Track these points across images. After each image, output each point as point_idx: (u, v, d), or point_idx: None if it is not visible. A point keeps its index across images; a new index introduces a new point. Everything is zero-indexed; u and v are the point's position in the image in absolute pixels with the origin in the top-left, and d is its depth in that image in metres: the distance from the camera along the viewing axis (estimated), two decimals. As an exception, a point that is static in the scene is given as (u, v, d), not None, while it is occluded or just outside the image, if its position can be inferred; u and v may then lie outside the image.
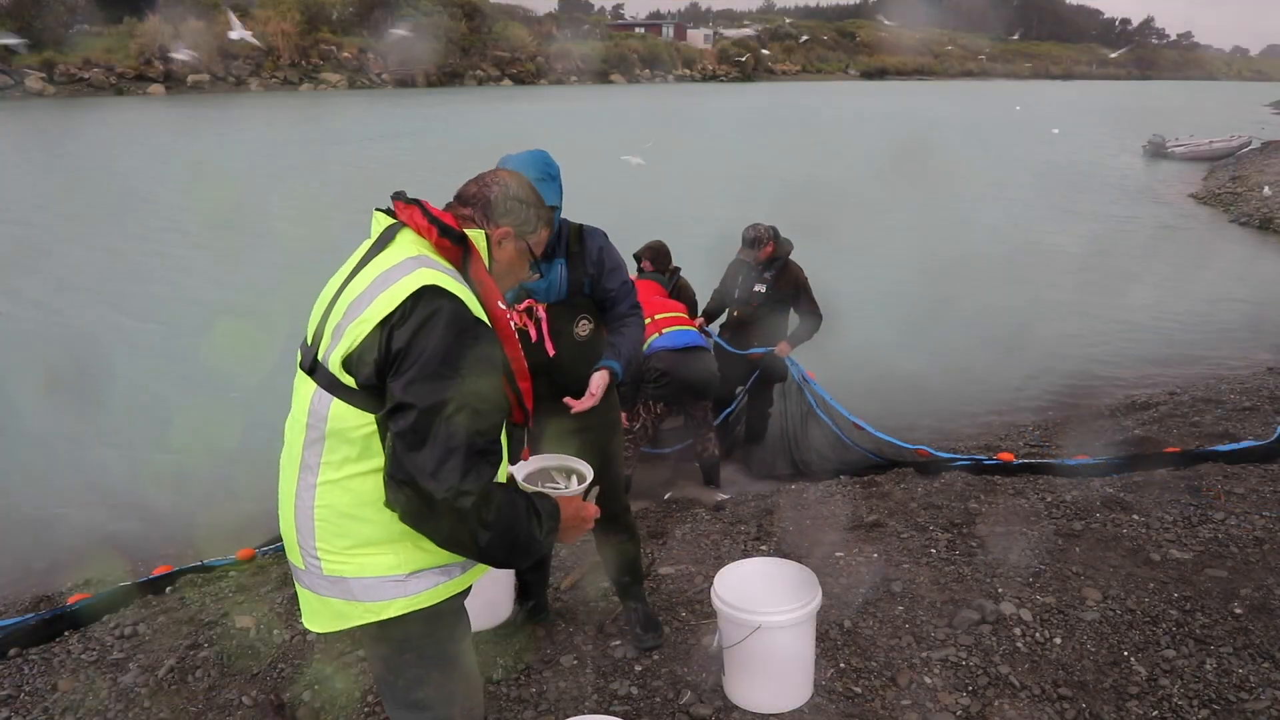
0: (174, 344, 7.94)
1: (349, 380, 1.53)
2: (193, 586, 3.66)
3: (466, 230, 1.68)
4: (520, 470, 2.17)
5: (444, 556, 1.62)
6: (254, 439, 4.85)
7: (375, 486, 1.55)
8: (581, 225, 2.66)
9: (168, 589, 3.69)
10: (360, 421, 1.54)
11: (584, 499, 1.90)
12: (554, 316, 2.58)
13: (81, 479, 5.40)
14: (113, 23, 45.13)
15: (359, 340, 1.51)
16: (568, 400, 2.51)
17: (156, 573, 3.79)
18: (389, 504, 1.54)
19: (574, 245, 2.60)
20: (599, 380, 2.54)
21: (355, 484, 1.56)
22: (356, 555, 1.58)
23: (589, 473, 2.12)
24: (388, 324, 1.49)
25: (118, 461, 5.61)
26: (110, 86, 42.79)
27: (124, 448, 5.80)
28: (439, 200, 1.80)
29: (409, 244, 1.63)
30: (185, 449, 5.47)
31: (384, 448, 1.54)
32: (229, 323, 7.96)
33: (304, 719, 2.68)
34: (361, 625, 1.63)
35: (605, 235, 2.69)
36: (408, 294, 1.50)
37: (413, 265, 1.56)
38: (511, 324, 1.69)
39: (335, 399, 1.55)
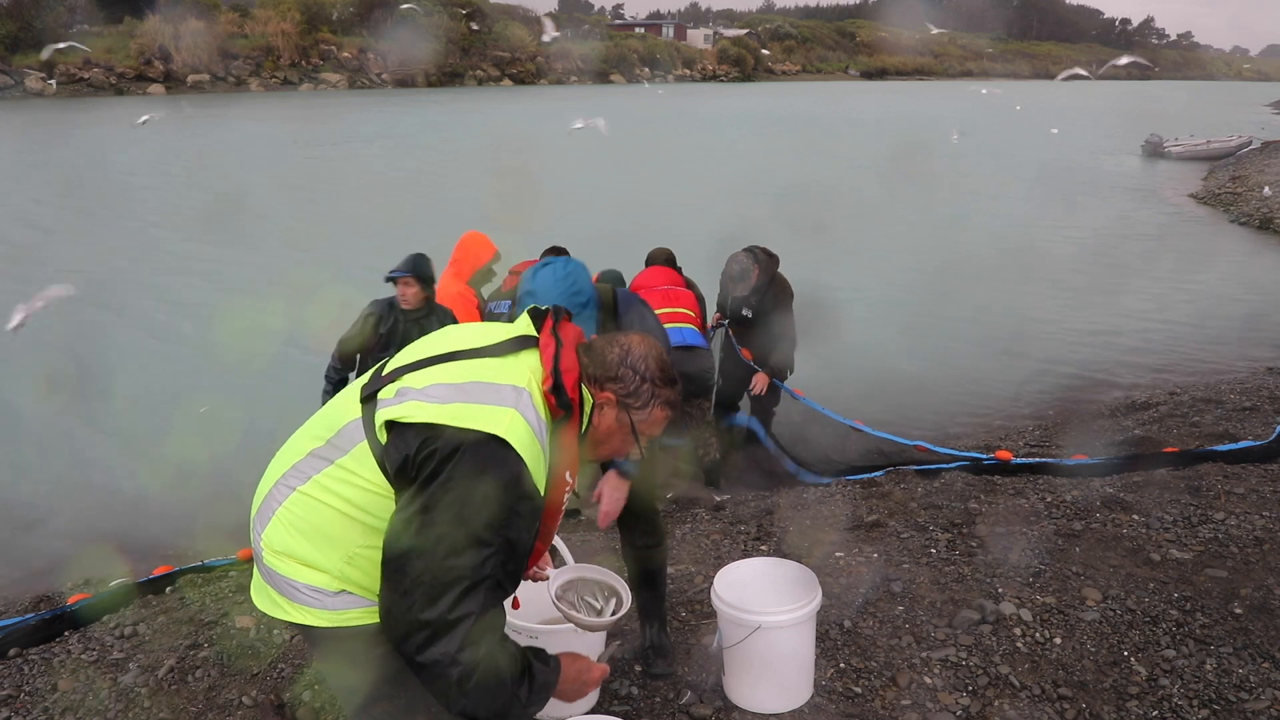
0: (174, 343, 7.95)
1: (383, 437, 1.50)
2: (193, 586, 3.66)
3: (583, 385, 1.62)
4: (557, 579, 2.08)
5: (375, 583, 1.54)
6: (254, 439, 4.85)
7: (337, 525, 1.53)
8: (615, 294, 2.46)
9: (168, 589, 3.69)
10: (370, 476, 1.51)
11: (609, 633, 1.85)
12: None
13: (82, 479, 5.40)
14: (113, 23, 45.16)
15: (409, 419, 1.47)
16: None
17: (156, 573, 3.79)
18: (381, 615, 1.47)
19: (609, 323, 2.40)
20: (613, 492, 2.44)
21: (323, 513, 1.54)
22: (290, 562, 1.57)
23: (627, 598, 2.03)
24: (437, 437, 1.44)
25: (118, 461, 5.61)
26: (110, 86, 42.80)
27: (124, 448, 5.80)
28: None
29: (525, 370, 1.57)
30: (185, 449, 5.47)
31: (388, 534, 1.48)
32: (229, 322, 7.96)
33: (304, 719, 2.68)
34: (301, 628, 1.60)
35: (641, 302, 2.53)
36: (474, 430, 1.44)
37: (509, 398, 1.50)
38: (566, 494, 1.62)
39: (365, 443, 1.52)
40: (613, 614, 2.05)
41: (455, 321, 4.07)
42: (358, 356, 4.20)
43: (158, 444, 5.74)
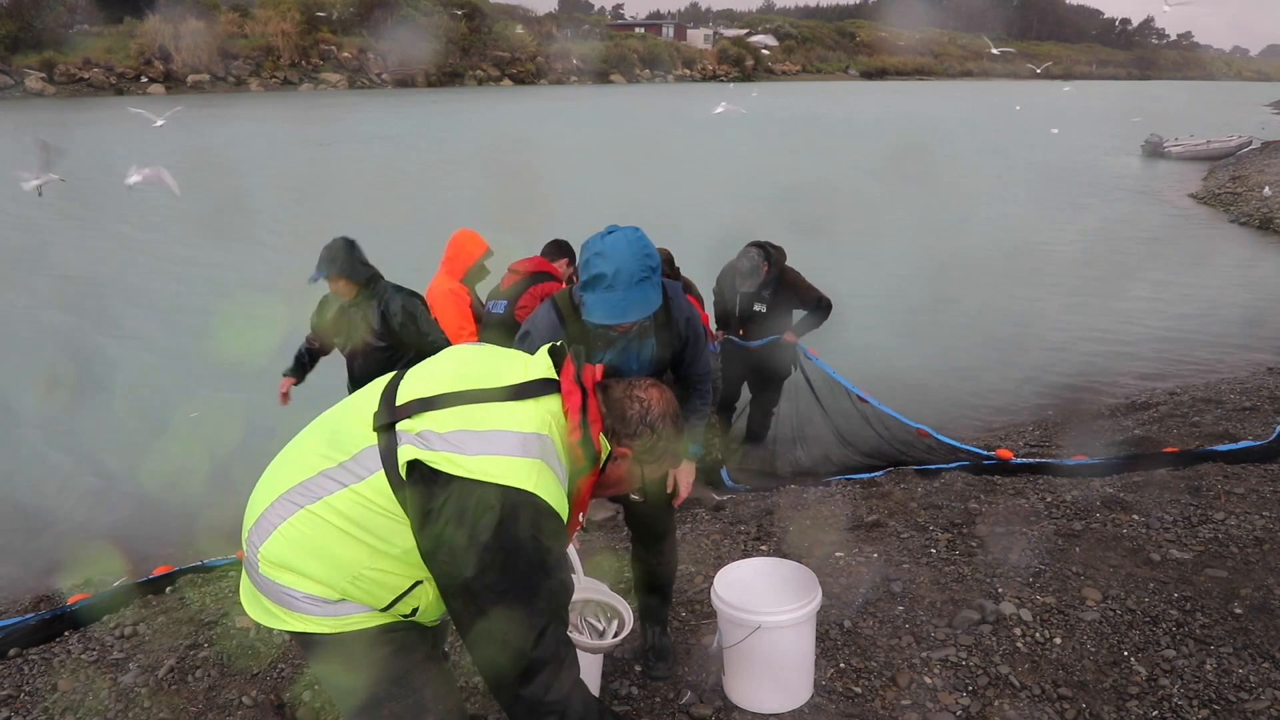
0: (174, 343, 7.95)
1: (403, 471, 1.51)
2: (193, 586, 3.66)
3: (600, 435, 1.63)
4: None
5: (378, 601, 1.58)
6: (253, 439, 4.85)
7: (344, 546, 1.53)
8: (663, 286, 2.44)
9: (168, 589, 3.69)
10: (386, 504, 1.51)
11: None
12: None
13: (81, 479, 5.40)
14: (113, 23, 45.19)
15: (437, 467, 1.47)
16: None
17: (156, 573, 3.80)
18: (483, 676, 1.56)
19: (660, 315, 2.41)
20: (687, 477, 2.53)
21: (331, 534, 1.53)
22: (289, 573, 1.56)
23: (629, 620, 2.02)
24: (468, 493, 1.45)
25: (117, 461, 5.61)
26: (110, 86, 42.82)
27: (124, 448, 5.80)
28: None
29: (547, 416, 1.57)
30: (184, 449, 5.47)
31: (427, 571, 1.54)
32: (228, 321, 7.96)
33: (304, 719, 2.68)
34: (297, 635, 1.60)
35: (681, 291, 2.53)
36: (504, 485, 1.45)
37: (534, 449, 1.50)
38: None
39: (383, 471, 1.52)
40: (615, 635, 2.03)
41: (407, 306, 3.89)
42: (342, 352, 4.09)
43: (157, 444, 5.75)
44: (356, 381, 4.05)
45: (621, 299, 2.15)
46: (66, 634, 3.31)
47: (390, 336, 3.87)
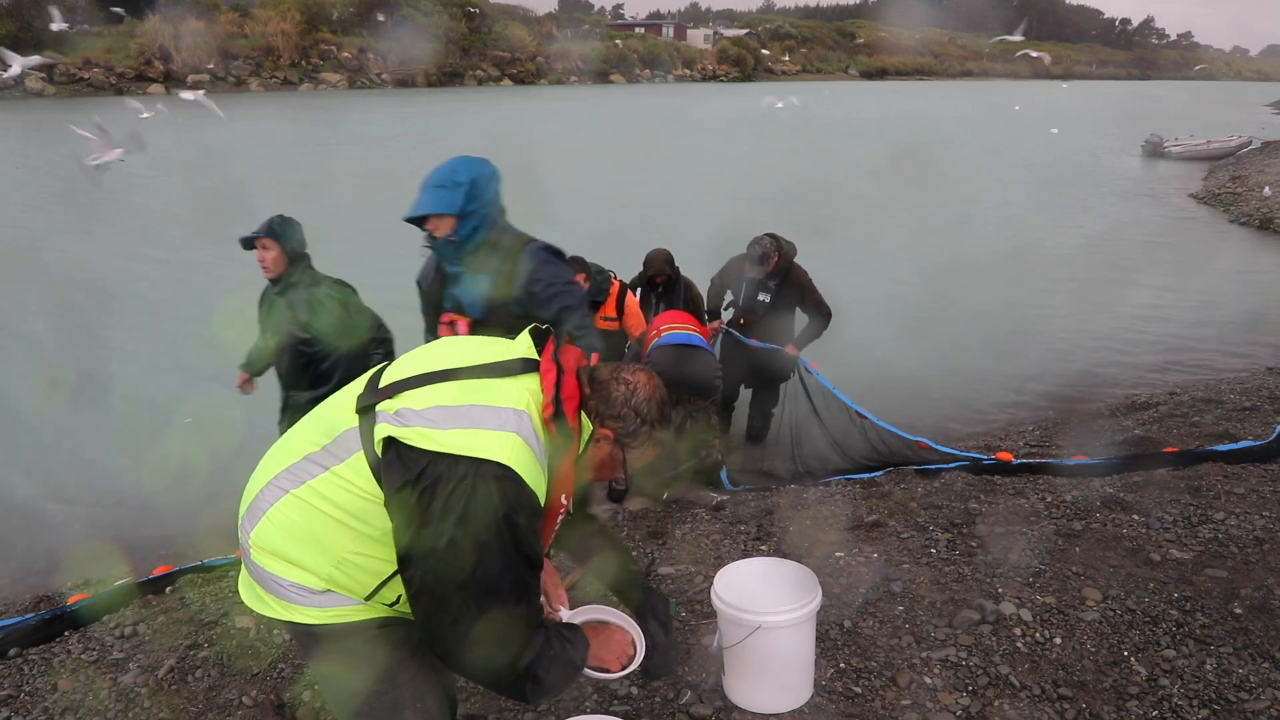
0: (174, 342, 7.94)
1: (379, 450, 1.52)
2: (193, 586, 3.66)
3: (584, 411, 1.63)
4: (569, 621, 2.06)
5: (362, 588, 1.59)
6: (254, 438, 4.84)
7: (328, 530, 1.54)
8: (527, 243, 2.68)
9: (168, 589, 3.69)
10: (364, 485, 1.52)
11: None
12: (474, 332, 2.60)
13: (81, 479, 5.40)
14: (113, 23, 45.19)
15: (412, 443, 1.47)
16: None
17: (156, 573, 3.79)
18: (433, 648, 1.53)
19: (505, 263, 2.62)
20: None
21: (315, 518, 1.54)
22: (277, 560, 1.58)
23: (642, 643, 1.99)
24: (442, 466, 1.45)
25: (117, 461, 5.61)
26: (110, 86, 42.82)
27: (124, 447, 5.80)
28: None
29: (525, 392, 1.57)
30: (185, 449, 5.47)
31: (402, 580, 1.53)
32: (228, 321, 7.95)
33: (304, 719, 2.68)
34: (288, 625, 1.61)
35: (546, 252, 2.69)
36: (478, 458, 1.45)
37: (510, 422, 1.50)
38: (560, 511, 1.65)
39: (362, 453, 1.53)
40: (629, 660, 2.00)
41: (334, 294, 3.71)
42: (270, 350, 3.88)
43: (157, 444, 5.74)
44: (283, 381, 3.83)
45: (421, 197, 2.66)
46: (66, 634, 3.31)
47: (315, 328, 3.61)
